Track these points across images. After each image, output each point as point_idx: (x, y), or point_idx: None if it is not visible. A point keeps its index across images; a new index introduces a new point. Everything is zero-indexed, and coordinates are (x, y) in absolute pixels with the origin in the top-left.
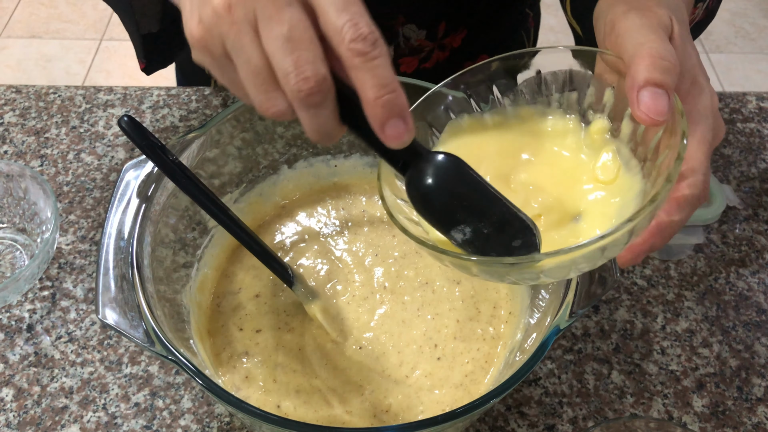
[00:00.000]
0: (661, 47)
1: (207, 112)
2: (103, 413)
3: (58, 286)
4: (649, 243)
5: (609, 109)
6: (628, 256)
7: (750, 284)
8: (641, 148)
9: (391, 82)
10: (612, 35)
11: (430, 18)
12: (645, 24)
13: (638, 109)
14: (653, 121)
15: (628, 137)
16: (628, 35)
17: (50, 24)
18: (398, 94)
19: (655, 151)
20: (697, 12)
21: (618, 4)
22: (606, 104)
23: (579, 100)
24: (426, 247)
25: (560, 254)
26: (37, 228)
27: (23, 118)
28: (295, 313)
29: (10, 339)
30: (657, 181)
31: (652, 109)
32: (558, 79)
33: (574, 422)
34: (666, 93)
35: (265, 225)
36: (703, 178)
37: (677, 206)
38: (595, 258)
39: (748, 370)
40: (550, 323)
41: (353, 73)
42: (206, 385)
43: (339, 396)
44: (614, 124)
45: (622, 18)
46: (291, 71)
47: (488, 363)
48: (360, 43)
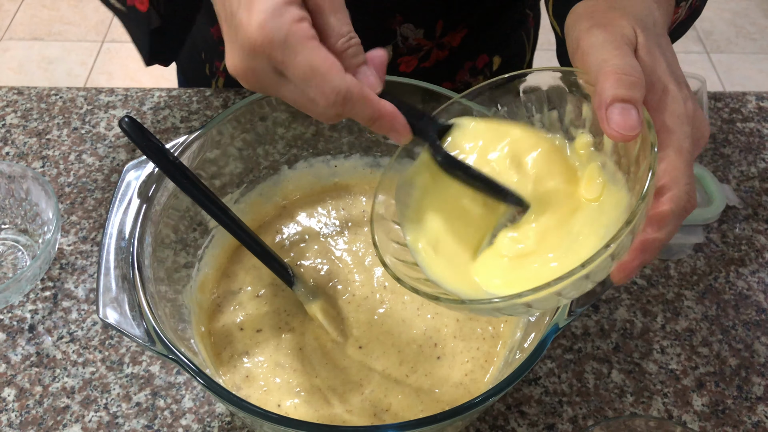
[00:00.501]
0: (623, 62)
1: (208, 113)
2: (104, 413)
3: (59, 286)
4: (639, 260)
5: (589, 124)
6: (620, 275)
7: (750, 283)
8: (624, 160)
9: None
10: (578, 53)
11: (428, 17)
12: (607, 39)
13: (608, 126)
14: (624, 136)
15: (611, 150)
16: (591, 52)
17: (52, 26)
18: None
19: (636, 163)
20: (680, 11)
21: (582, 20)
22: (585, 119)
23: (560, 118)
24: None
25: (544, 289)
26: (39, 229)
27: (25, 120)
28: (296, 312)
29: (12, 339)
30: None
31: (621, 125)
32: (536, 99)
33: (574, 421)
34: (634, 107)
35: (265, 225)
36: (686, 188)
37: (660, 222)
38: (582, 286)
39: (748, 369)
40: (549, 322)
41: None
42: (207, 384)
43: (339, 395)
44: (596, 138)
45: (586, 35)
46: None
47: (488, 362)
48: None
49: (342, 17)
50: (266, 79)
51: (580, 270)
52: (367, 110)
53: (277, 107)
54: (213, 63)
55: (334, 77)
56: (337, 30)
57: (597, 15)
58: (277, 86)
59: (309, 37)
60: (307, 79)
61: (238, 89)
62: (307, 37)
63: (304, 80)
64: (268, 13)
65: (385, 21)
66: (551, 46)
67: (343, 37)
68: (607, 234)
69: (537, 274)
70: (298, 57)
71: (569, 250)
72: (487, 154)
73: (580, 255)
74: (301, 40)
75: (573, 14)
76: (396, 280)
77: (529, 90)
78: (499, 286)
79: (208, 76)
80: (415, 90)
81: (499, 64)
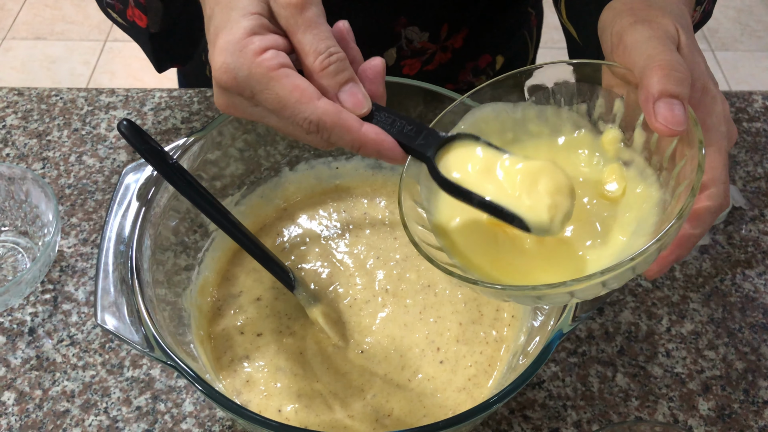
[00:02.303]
0: (671, 58)
1: (209, 114)
2: (104, 417)
3: (59, 289)
4: (675, 254)
5: (620, 119)
6: (655, 269)
7: (756, 285)
8: (656, 157)
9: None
10: (620, 47)
11: (433, 20)
12: (653, 36)
13: (655, 120)
14: (671, 131)
15: (641, 146)
16: (636, 48)
17: (54, 25)
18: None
19: (671, 160)
20: (696, 15)
21: (623, 15)
22: (616, 114)
23: (589, 112)
24: (456, 277)
25: (593, 279)
26: (39, 231)
27: (25, 121)
28: (297, 316)
29: (11, 342)
30: (676, 192)
31: (669, 120)
32: (566, 92)
33: (579, 426)
34: (681, 103)
35: (266, 227)
36: (723, 187)
37: (699, 218)
38: (626, 277)
39: (755, 372)
40: (553, 327)
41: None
42: (206, 390)
43: (341, 400)
44: (626, 134)
45: (630, 30)
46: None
47: (491, 366)
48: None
49: (319, 33)
50: (247, 111)
51: (629, 262)
52: (347, 137)
53: None
54: None
55: (304, 107)
56: (314, 47)
57: (638, 11)
58: (260, 116)
59: (273, 68)
60: (278, 112)
61: None
62: (270, 69)
63: (277, 113)
64: (229, 52)
65: (389, 23)
66: (554, 45)
67: (321, 55)
68: (639, 229)
69: (573, 265)
70: (264, 91)
71: (598, 244)
72: (494, 171)
73: (611, 249)
74: (266, 73)
75: (610, 10)
76: (430, 261)
77: (560, 81)
78: (521, 275)
79: (209, 77)
80: (418, 91)
81: (502, 64)
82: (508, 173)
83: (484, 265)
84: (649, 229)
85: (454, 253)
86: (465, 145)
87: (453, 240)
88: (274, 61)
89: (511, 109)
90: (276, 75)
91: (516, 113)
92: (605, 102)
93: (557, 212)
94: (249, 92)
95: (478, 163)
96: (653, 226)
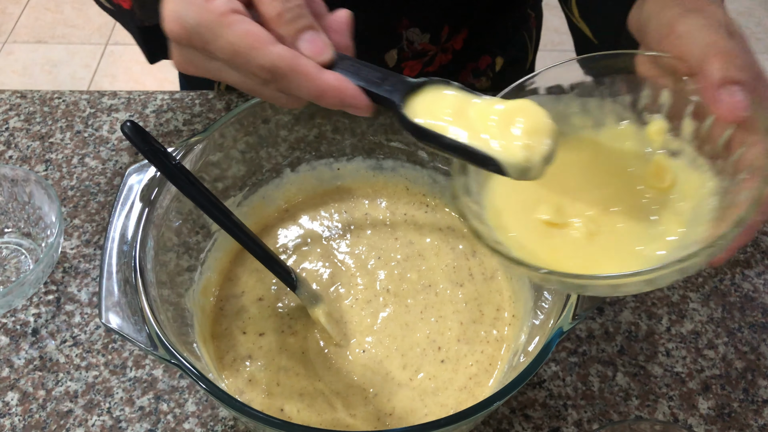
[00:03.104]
0: (730, 45)
1: (210, 115)
2: (107, 417)
3: (62, 290)
4: (740, 242)
5: (666, 110)
6: (724, 255)
7: (756, 285)
8: (708, 145)
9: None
10: (671, 37)
11: (434, 21)
12: (707, 24)
13: (719, 107)
14: (736, 117)
15: (690, 136)
16: (691, 37)
17: (56, 29)
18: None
19: (726, 148)
20: None
21: (670, 6)
22: (663, 105)
23: (633, 103)
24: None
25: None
26: (42, 232)
27: (28, 123)
28: (299, 316)
29: (15, 343)
30: (737, 178)
31: (733, 106)
32: (610, 82)
33: (579, 425)
34: (743, 89)
35: (268, 228)
36: None
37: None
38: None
39: (754, 371)
40: (553, 325)
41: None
42: (209, 389)
43: (342, 399)
44: (672, 124)
45: (681, 20)
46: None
47: (492, 365)
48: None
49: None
50: (203, 66)
51: (709, 248)
52: (304, 85)
53: (279, 110)
54: None
55: (256, 53)
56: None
57: (685, 1)
58: (217, 72)
59: (223, 13)
60: (231, 61)
61: (241, 92)
62: (221, 14)
63: (231, 62)
64: (178, 0)
65: (391, 24)
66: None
67: (276, 1)
68: (696, 217)
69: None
70: (218, 40)
71: (655, 234)
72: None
73: (669, 238)
74: (216, 19)
75: (653, 2)
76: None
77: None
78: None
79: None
80: None
81: (502, 65)
82: (482, 116)
83: (546, 258)
84: (707, 217)
85: (513, 248)
86: (436, 90)
87: (508, 234)
88: (224, 7)
89: (554, 102)
90: (227, 21)
91: (558, 106)
92: (651, 93)
93: (533, 153)
94: (200, 42)
95: (449, 107)
96: (712, 213)
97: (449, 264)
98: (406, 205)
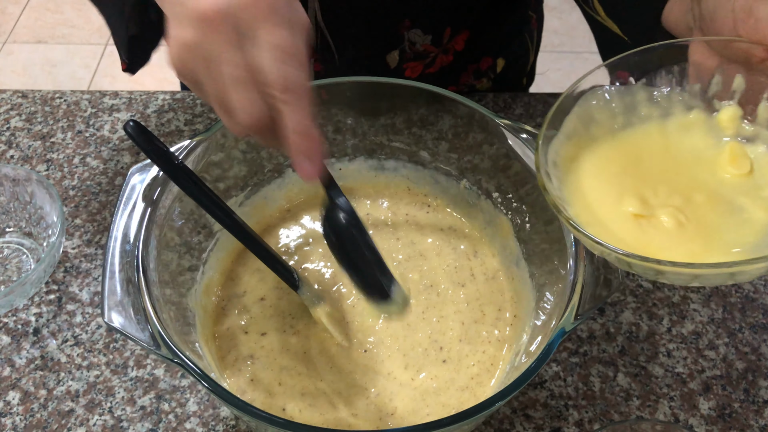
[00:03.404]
0: None
1: (212, 116)
2: (109, 416)
3: (64, 289)
4: None
5: (739, 96)
6: None
7: (756, 286)
8: None
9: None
10: (749, 22)
11: (436, 23)
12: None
13: None
14: None
15: (767, 120)
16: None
17: (56, 29)
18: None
19: None
20: None
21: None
22: (735, 91)
23: (703, 90)
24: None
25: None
26: (43, 232)
27: (29, 123)
28: (300, 315)
29: (16, 342)
30: None
31: None
32: (679, 71)
33: (580, 425)
34: None
35: (269, 228)
36: None
37: None
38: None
39: (755, 372)
40: (555, 326)
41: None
42: (212, 388)
43: (344, 399)
44: (746, 109)
45: (761, 4)
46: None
47: (494, 366)
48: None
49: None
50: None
51: None
52: (297, 114)
53: None
54: None
55: (289, 64)
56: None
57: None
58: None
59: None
60: (275, 58)
61: None
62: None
63: (271, 57)
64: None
65: (393, 25)
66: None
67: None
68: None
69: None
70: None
71: (741, 222)
72: None
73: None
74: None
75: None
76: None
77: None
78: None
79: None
80: (420, 93)
81: (503, 66)
82: None
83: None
84: None
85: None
86: None
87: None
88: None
89: (622, 93)
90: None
91: (626, 97)
92: (723, 79)
93: None
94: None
95: None
96: None
97: (451, 264)
98: (407, 205)
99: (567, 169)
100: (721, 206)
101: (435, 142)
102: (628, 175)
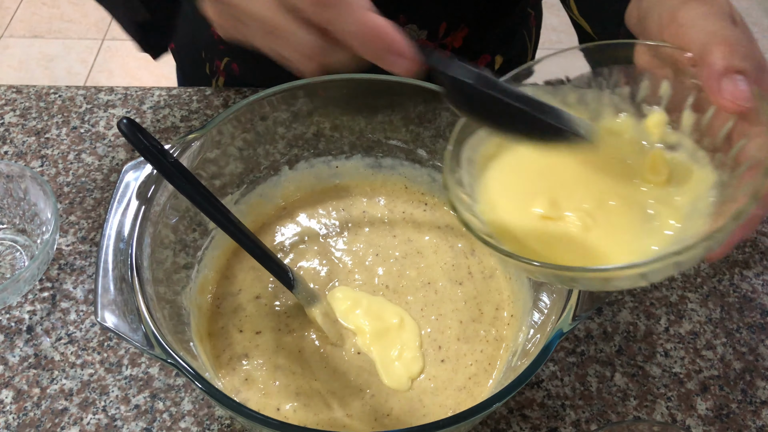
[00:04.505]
0: (733, 34)
1: (208, 112)
2: (103, 415)
3: (58, 287)
4: (740, 235)
5: (666, 102)
6: (721, 250)
7: (754, 286)
8: (707, 138)
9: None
10: (672, 26)
11: (431, 18)
12: (710, 12)
13: (722, 97)
14: (738, 107)
15: (690, 128)
16: (693, 25)
17: (52, 24)
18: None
19: (726, 141)
20: None
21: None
22: (662, 97)
23: (632, 94)
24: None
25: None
26: (37, 229)
27: (24, 119)
28: (296, 314)
29: (9, 340)
30: (737, 172)
31: (736, 96)
32: (608, 73)
33: (577, 425)
34: (746, 79)
35: (265, 226)
36: None
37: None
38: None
39: (753, 372)
40: (553, 326)
41: None
42: (205, 388)
43: (339, 399)
44: (672, 116)
45: (683, 8)
46: None
47: (491, 365)
48: None
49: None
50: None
51: (706, 242)
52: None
53: (278, 107)
54: (213, 62)
55: None
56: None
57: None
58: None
59: None
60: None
61: (239, 88)
62: None
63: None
64: None
65: None
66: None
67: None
68: (693, 211)
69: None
70: None
71: (651, 229)
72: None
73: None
74: None
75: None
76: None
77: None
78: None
79: (208, 75)
80: (418, 90)
81: (501, 64)
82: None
83: (541, 251)
84: (706, 211)
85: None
86: None
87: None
88: None
89: (551, 93)
90: None
91: (555, 98)
92: (650, 84)
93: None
94: None
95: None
96: (710, 207)
97: (448, 262)
98: (404, 203)
99: (483, 167)
100: (635, 212)
101: (432, 139)
102: (545, 178)
